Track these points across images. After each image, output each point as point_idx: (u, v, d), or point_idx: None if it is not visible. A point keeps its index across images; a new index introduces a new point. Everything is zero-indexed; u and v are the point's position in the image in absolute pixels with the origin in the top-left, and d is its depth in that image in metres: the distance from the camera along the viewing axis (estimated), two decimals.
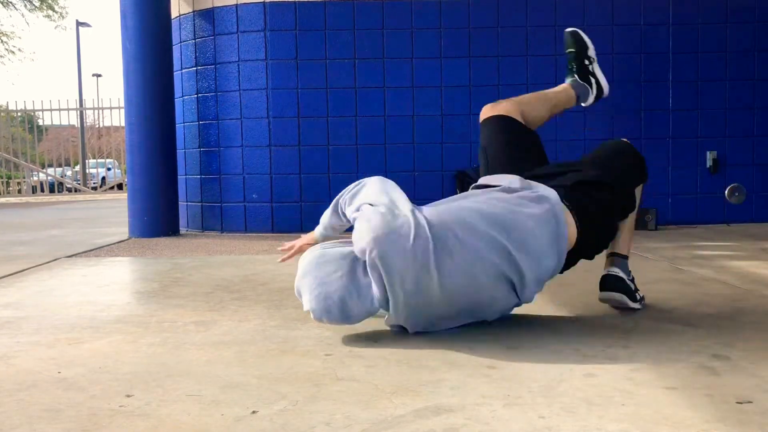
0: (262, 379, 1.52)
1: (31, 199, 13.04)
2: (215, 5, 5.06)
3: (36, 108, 14.09)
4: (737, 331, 1.87)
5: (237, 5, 4.98)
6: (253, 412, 1.31)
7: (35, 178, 15.35)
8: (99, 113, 16.34)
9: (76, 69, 23.31)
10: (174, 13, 5.19)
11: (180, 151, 5.23)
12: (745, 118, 4.96)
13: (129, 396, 1.42)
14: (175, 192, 4.96)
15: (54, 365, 1.66)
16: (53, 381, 1.53)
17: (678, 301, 2.27)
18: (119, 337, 1.93)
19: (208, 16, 5.10)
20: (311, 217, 4.90)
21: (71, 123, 20.97)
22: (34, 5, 20.88)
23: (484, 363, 1.60)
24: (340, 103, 4.94)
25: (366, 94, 4.94)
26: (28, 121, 17.37)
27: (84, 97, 22.75)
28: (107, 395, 1.43)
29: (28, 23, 47.17)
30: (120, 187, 15.01)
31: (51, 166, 17.58)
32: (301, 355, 1.71)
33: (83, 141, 18.41)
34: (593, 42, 2.49)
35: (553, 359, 1.63)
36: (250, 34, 4.97)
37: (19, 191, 15.11)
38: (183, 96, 5.26)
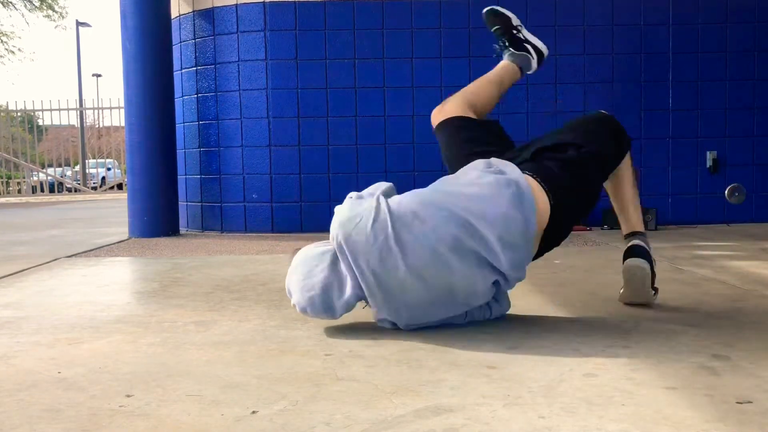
0: (262, 379, 1.52)
1: (31, 199, 13.05)
2: (215, 5, 5.06)
3: (36, 108, 14.10)
4: (737, 331, 1.87)
5: (237, 5, 4.98)
6: (253, 412, 1.31)
7: (35, 178, 15.35)
8: (99, 113, 16.35)
9: (76, 69, 23.34)
10: (174, 13, 5.19)
11: (180, 151, 5.23)
12: (745, 118, 4.96)
13: (129, 396, 1.42)
14: (175, 192, 4.96)
15: (54, 365, 1.66)
16: (53, 381, 1.53)
17: (678, 301, 2.27)
18: (119, 337, 1.93)
19: (208, 16, 5.10)
20: (311, 217, 4.90)
21: (71, 123, 20.98)
22: (34, 5, 20.88)
23: (484, 363, 1.60)
24: (340, 103, 4.94)
25: (366, 94, 4.94)
26: (28, 121, 17.38)
27: (84, 97, 22.78)
28: (107, 395, 1.43)
29: (28, 23, 47.26)
30: (120, 187, 15.01)
31: (51, 166, 17.55)
32: (301, 355, 1.71)
33: (83, 141, 18.42)
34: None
35: (553, 359, 1.63)
36: (250, 34, 4.97)
37: (19, 191, 15.12)
38: (183, 96, 5.26)
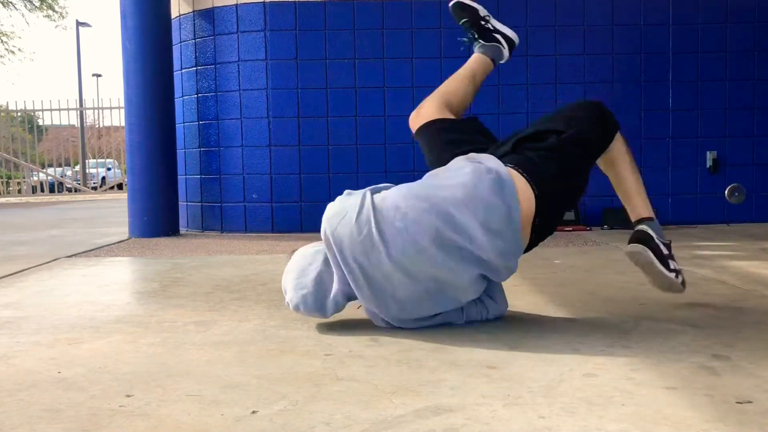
0: (262, 379, 1.52)
1: (31, 199, 13.04)
2: (215, 5, 5.06)
3: (36, 108, 14.09)
4: (737, 331, 1.87)
5: (237, 5, 4.98)
6: (253, 412, 1.31)
7: (35, 178, 15.35)
8: (99, 113, 16.34)
9: (76, 69, 23.32)
10: (174, 13, 5.19)
11: (180, 151, 5.23)
12: (745, 118, 4.96)
13: (129, 396, 1.42)
14: (175, 192, 4.96)
15: (54, 365, 1.66)
16: (53, 381, 1.53)
17: (678, 301, 2.26)
18: (119, 337, 1.93)
19: (208, 16, 5.10)
20: (311, 217, 4.90)
21: (71, 123, 20.96)
22: (34, 5, 20.87)
23: (484, 363, 1.60)
24: (340, 103, 4.94)
25: (366, 94, 4.94)
26: (28, 121, 17.37)
27: (84, 97, 22.77)
28: (107, 395, 1.43)
29: (28, 23, 47.18)
30: (120, 187, 15.00)
31: (51, 166, 17.55)
32: (301, 355, 1.71)
33: (83, 141, 18.40)
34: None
35: (553, 359, 1.63)
36: (250, 34, 4.97)
37: (19, 191, 15.11)
38: (183, 96, 5.26)
